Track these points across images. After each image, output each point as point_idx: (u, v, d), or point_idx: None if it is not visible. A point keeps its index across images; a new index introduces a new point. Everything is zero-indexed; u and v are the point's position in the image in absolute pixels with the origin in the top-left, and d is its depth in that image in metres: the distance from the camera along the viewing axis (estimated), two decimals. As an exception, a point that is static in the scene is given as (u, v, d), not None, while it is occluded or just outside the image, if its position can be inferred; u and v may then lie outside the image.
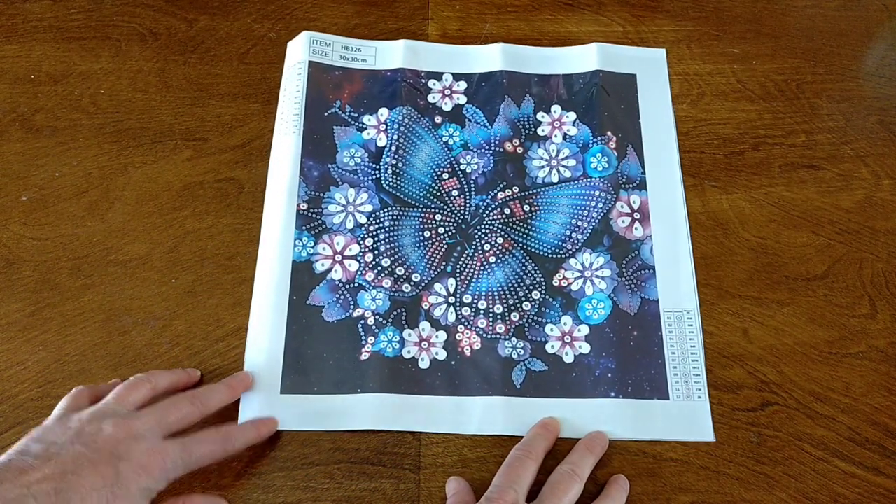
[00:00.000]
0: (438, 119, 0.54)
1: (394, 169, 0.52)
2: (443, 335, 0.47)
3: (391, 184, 0.51)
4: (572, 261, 0.49)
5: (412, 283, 0.48)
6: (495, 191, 0.51)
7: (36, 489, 0.33)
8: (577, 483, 0.40)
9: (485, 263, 0.49)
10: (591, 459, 0.42)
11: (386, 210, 0.50)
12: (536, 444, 0.42)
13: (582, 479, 0.41)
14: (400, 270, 0.49)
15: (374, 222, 0.50)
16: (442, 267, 0.49)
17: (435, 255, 0.49)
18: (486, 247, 0.50)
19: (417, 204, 0.51)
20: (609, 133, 0.53)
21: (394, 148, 0.52)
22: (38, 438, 0.36)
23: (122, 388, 0.40)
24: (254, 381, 0.45)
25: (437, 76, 0.55)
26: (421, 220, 0.50)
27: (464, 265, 0.49)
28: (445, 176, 0.52)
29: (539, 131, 0.53)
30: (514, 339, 0.47)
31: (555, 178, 0.52)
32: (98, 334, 0.47)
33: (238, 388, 0.44)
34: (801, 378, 0.46)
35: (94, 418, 0.37)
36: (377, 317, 0.47)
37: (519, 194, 0.51)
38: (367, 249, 0.49)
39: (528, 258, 0.49)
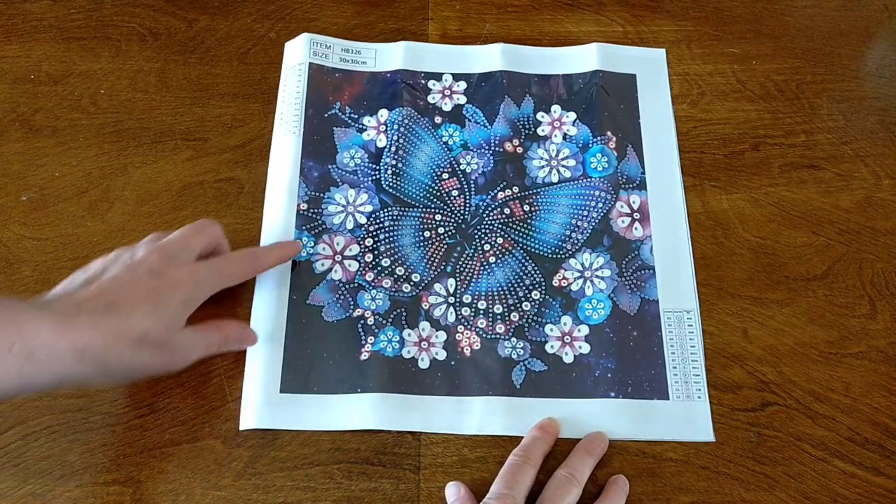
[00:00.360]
0: (438, 119, 0.54)
1: (394, 169, 0.52)
2: (442, 335, 0.47)
3: (391, 184, 0.51)
4: (572, 261, 0.49)
5: (412, 283, 0.48)
6: (495, 191, 0.51)
7: (86, 305, 0.36)
8: (575, 488, 0.40)
9: (484, 263, 0.49)
10: (590, 462, 0.42)
11: (386, 210, 0.50)
12: (535, 448, 0.42)
13: (580, 483, 0.41)
14: (400, 270, 0.49)
15: (373, 222, 0.50)
16: (442, 267, 0.49)
17: (435, 256, 0.49)
18: (486, 247, 0.50)
19: (417, 204, 0.51)
20: (609, 133, 0.53)
21: (393, 148, 0.52)
22: (83, 271, 0.40)
23: (189, 228, 0.43)
24: (301, 249, 0.48)
25: (437, 76, 0.55)
26: (421, 220, 0.50)
27: (464, 265, 0.49)
28: (445, 176, 0.52)
29: (539, 131, 0.53)
30: (513, 339, 0.47)
31: (555, 178, 0.52)
32: (98, 334, 0.46)
33: (288, 254, 0.47)
34: (801, 378, 0.46)
35: (130, 248, 0.41)
36: (377, 317, 0.47)
37: (519, 194, 0.51)
38: (366, 249, 0.49)
39: (527, 258, 0.49)
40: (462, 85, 0.55)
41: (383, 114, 0.53)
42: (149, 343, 0.37)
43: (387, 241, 0.49)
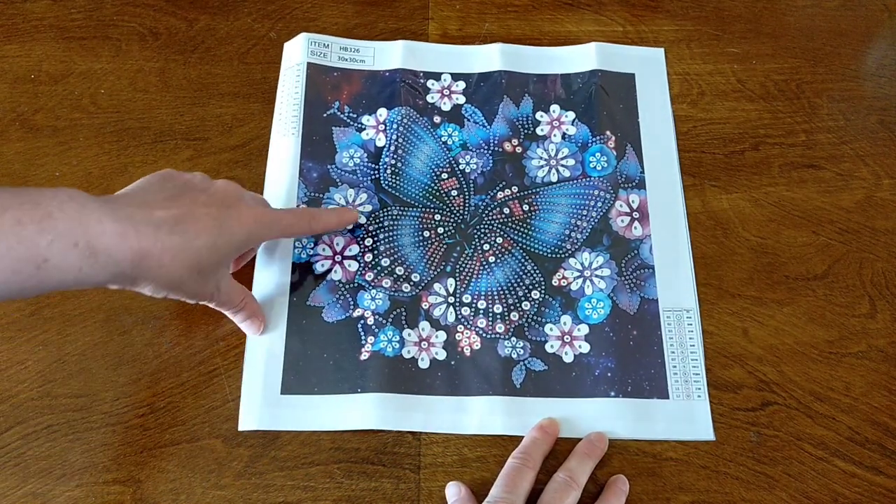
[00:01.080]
0: (437, 119, 0.54)
1: (393, 169, 0.52)
2: (442, 335, 0.47)
3: (390, 184, 0.51)
4: (572, 260, 0.49)
5: (412, 283, 0.48)
6: (494, 191, 0.51)
7: (155, 218, 0.36)
8: (573, 491, 0.40)
9: (484, 263, 0.49)
10: (589, 464, 0.42)
11: (385, 210, 0.50)
12: (534, 450, 0.42)
13: (579, 486, 0.41)
14: (399, 270, 0.49)
15: (373, 222, 0.50)
16: (441, 267, 0.49)
17: (434, 255, 0.49)
18: (486, 247, 0.50)
19: (417, 204, 0.51)
20: (608, 132, 0.53)
21: (393, 148, 0.52)
22: (162, 178, 0.40)
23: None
24: (358, 218, 0.49)
25: (436, 76, 0.55)
26: (420, 220, 0.50)
27: (463, 265, 0.49)
28: (444, 176, 0.52)
29: (538, 131, 0.53)
30: (513, 338, 0.47)
31: (554, 178, 0.52)
32: (98, 334, 0.47)
33: (345, 220, 0.48)
34: (801, 378, 0.46)
35: (205, 178, 0.42)
36: (377, 317, 0.47)
37: (518, 194, 0.51)
38: (366, 249, 0.49)
39: (527, 258, 0.49)
40: (461, 85, 0.55)
41: (382, 113, 0.53)
42: (197, 271, 0.38)
43: (386, 240, 0.49)
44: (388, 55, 0.56)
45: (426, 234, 0.50)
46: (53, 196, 0.33)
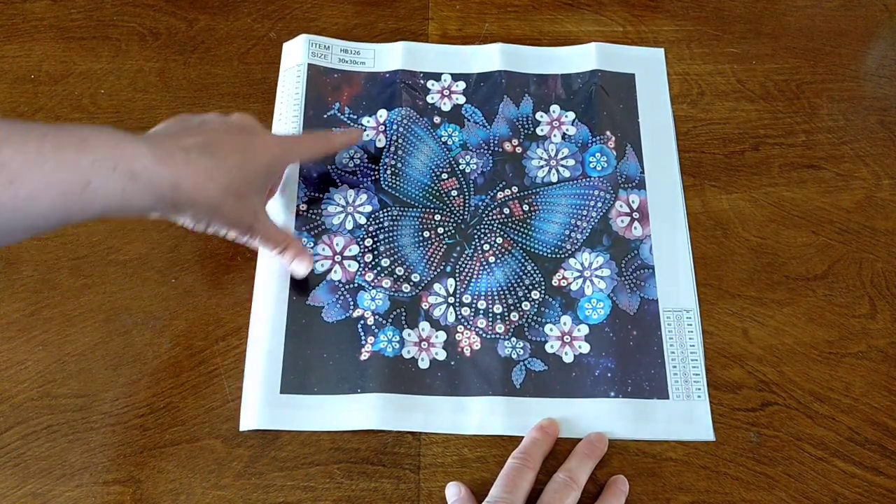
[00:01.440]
0: (437, 119, 0.54)
1: (393, 169, 0.52)
2: (442, 335, 0.47)
3: (390, 184, 0.51)
4: (572, 260, 0.49)
5: (412, 284, 0.48)
6: (494, 191, 0.51)
7: (183, 145, 0.38)
8: (573, 492, 0.40)
9: (484, 263, 0.49)
10: (589, 465, 0.42)
11: (385, 210, 0.50)
12: (534, 450, 0.42)
13: (579, 486, 0.41)
14: (399, 270, 0.49)
15: (373, 223, 0.50)
16: (441, 267, 0.49)
17: (434, 256, 0.49)
18: (486, 247, 0.50)
19: (417, 204, 0.51)
20: (608, 133, 0.53)
21: (393, 149, 0.52)
22: (178, 120, 0.42)
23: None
24: (363, 135, 0.52)
25: (436, 76, 0.55)
26: (420, 220, 0.50)
27: (463, 265, 0.49)
28: (444, 176, 0.52)
29: (538, 131, 0.53)
30: (513, 338, 0.47)
31: (554, 178, 0.52)
32: (98, 334, 0.47)
33: (354, 138, 0.51)
34: (801, 378, 0.46)
35: (219, 114, 0.44)
36: (377, 317, 0.47)
37: (518, 194, 0.51)
38: (366, 250, 0.49)
39: (527, 258, 0.49)
40: (461, 85, 0.55)
41: (382, 114, 0.53)
42: (232, 192, 0.40)
43: (386, 241, 0.49)
44: (388, 56, 0.56)
45: (426, 234, 0.50)
46: (87, 126, 0.35)
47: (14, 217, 0.32)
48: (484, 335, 0.47)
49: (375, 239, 0.49)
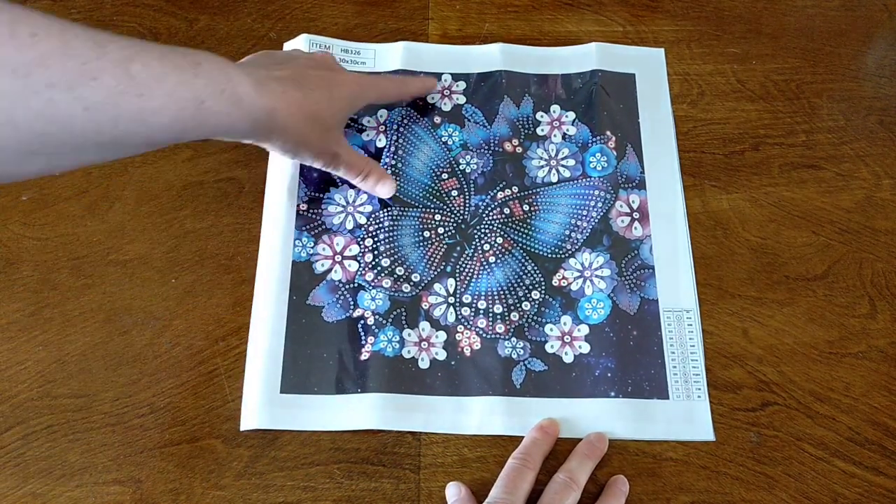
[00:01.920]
0: (437, 119, 0.54)
1: (393, 169, 0.52)
2: (442, 335, 0.47)
3: (391, 184, 0.51)
4: (572, 260, 0.49)
5: (412, 283, 0.48)
6: (495, 191, 0.51)
7: (275, 76, 0.41)
8: (573, 492, 0.40)
9: (484, 263, 0.49)
10: (589, 465, 0.42)
11: (385, 210, 0.50)
12: (534, 450, 0.42)
13: (579, 486, 0.41)
14: (400, 270, 0.49)
15: (373, 223, 0.50)
16: (441, 267, 0.49)
17: (434, 255, 0.49)
18: (486, 247, 0.50)
19: (417, 204, 0.51)
20: (608, 133, 0.53)
21: (393, 148, 0.52)
22: (266, 55, 0.45)
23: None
24: (436, 86, 0.54)
25: (437, 76, 0.55)
26: (420, 220, 0.50)
27: (463, 265, 0.49)
28: (445, 176, 0.52)
29: (538, 131, 0.53)
30: (513, 338, 0.47)
31: (554, 178, 0.52)
32: (98, 334, 0.47)
33: (429, 85, 0.53)
34: (801, 378, 0.46)
35: (301, 51, 0.49)
36: (377, 317, 0.47)
37: (518, 194, 0.51)
38: (366, 250, 0.49)
39: (527, 258, 0.49)
40: (461, 85, 0.55)
41: (382, 114, 0.53)
42: (319, 123, 0.43)
43: (386, 241, 0.49)
44: (388, 56, 0.56)
45: (426, 234, 0.50)
46: (196, 51, 0.36)
47: (139, 128, 0.33)
48: (484, 335, 0.47)
49: (376, 239, 0.49)
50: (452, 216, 0.50)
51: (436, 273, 0.49)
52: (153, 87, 0.33)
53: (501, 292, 0.48)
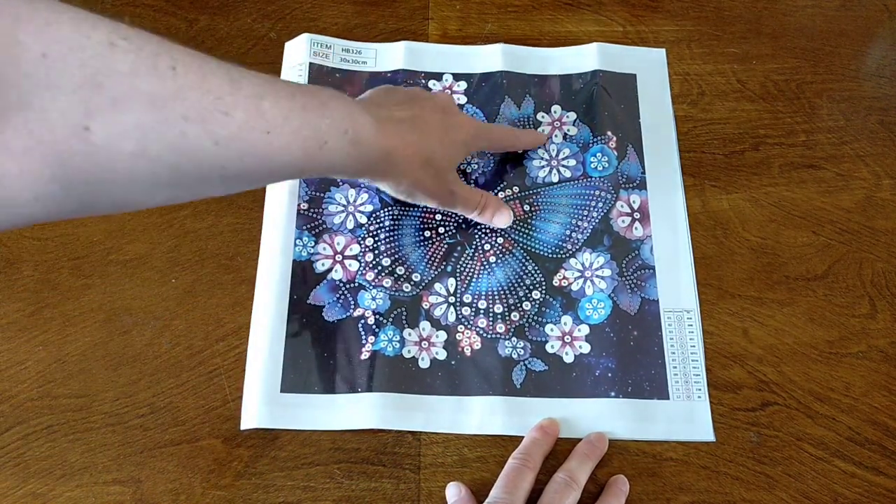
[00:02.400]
0: (438, 119, 0.54)
1: (394, 169, 0.52)
2: (443, 335, 0.47)
3: (391, 184, 0.51)
4: (572, 261, 0.49)
5: (412, 283, 0.48)
6: (495, 191, 0.51)
7: (395, 118, 0.41)
8: (573, 492, 0.40)
9: (485, 263, 0.49)
10: (588, 465, 0.42)
11: (386, 210, 0.50)
12: (534, 450, 0.42)
13: (579, 486, 0.41)
14: (400, 270, 0.49)
15: (374, 222, 0.50)
16: (442, 267, 0.49)
17: (435, 255, 0.49)
18: (487, 247, 0.50)
19: (417, 204, 0.51)
20: (609, 133, 0.53)
21: None
22: (388, 92, 0.45)
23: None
24: (545, 141, 0.53)
25: (437, 76, 0.55)
26: (421, 219, 0.50)
27: (464, 265, 0.49)
28: (445, 176, 0.52)
29: (539, 131, 0.53)
30: (514, 338, 0.47)
31: (555, 178, 0.52)
32: (98, 334, 0.47)
33: (539, 140, 0.53)
34: (801, 378, 0.46)
35: (422, 90, 0.49)
36: (377, 316, 0.47)
37: (519, 194, 0.51)
38: (367, 249, 0.49)
39: (528, 258, 0.49)
40: (462, 85, 0.55)
41: None
42: (433, 166, 0.43)
43: (387, 240, 0.49)
44: (389, 56, 0.56)
45: (427, 233, 0.50)
46: (323, 90, 0.37)
47: (263, 165, 0.34)
48: (484, 335, 0.47)
49: (376, 238, 0.49)
50: (453, 216, 0.50)
51: (436, 273, 0.49)
52: (281, 125, 0.33)
53: (502, 292, 0.48)
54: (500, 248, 0.50)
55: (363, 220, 0.50)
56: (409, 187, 0.43)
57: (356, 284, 0.48)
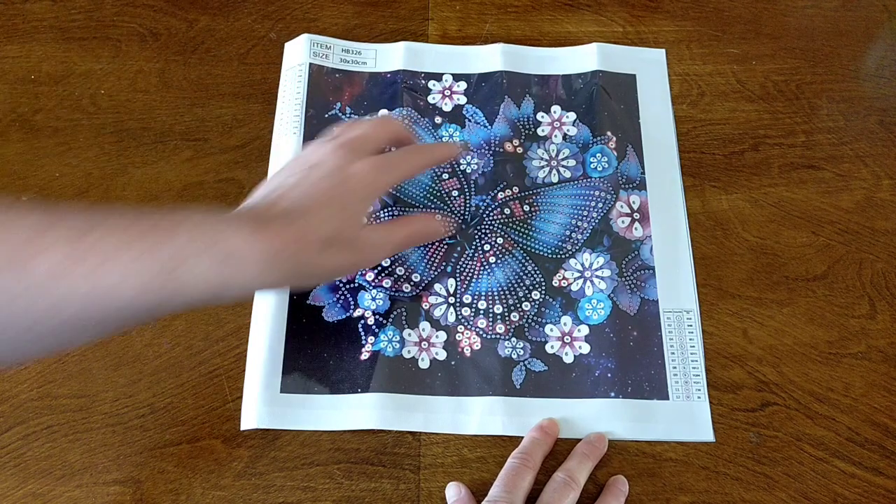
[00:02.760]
0: (438, 119, 0.54)
1: (394, 169, 0.52)
2: (443, 335, 0.47)
3: (391, 184, 0.51)
4: (572, 261, 0.49)
5: (412, 283, 0.48)
6: (495, 191, 0.51)
7: (273, 213, 0.36)
8: (572, 491, 0.40)
9: (485, 264, 0.49)
10: (588, 465, 0.42)
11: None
12: (534, 450, 0.42)
13: (579, 486, 0.41)
14: (400, 270, 0.49)
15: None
16: (442, 267, 0.49)
17: (435, 256, 0.49)
18: (486, 247, 0.50)
19: (417, 204, 0.51)
20: (609, 133, 0.53)
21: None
22: (263, 186, 0.40)
23: (340, 127, 0.44)
24: (463, 151, 0.51)
25: (437, 77, 0.55)
26: (421, 220, 0.50)
27: (464, 265, 0.49)
28: (445, 176, 0.52)
29: (539, 131, 0.53)
30: (513, 339, 0.47)
31: (555, 179, 0.52)
32: (98, 334, 0.47)
33: (453, 152, 0.49)
34: (801, 378, 0.46)
35: (310, 150, 0.42)
36: (377, 317, 0.47)
37: (519, 194, 0.51)
38: (367, 249, 0.49)
39: (527, 258, 0.49)
40: (462, 85, 0.55)
41: (383, 113, 0.53)
42: (336, 243, 0.38)
43: (387, 241, 0.49)
44: (389, 57, 0.56)
45: (426, 234, 0.50)
46: (179, 213, 0.33)
47: (93, 310, 0.30)
48: (484, 335, 0.47)
49: (376, 239, 0.49)
50: (453, 216, 0.50)
51: (436, 273, 0.49)
52: (110, 259, 0.29)
53: (502, 292, 0.48)
54: (500, 248, 0.50)
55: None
56: (319, 275, 0.39)
57: (356, 285, 0.48)
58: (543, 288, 0.48)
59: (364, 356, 0.46)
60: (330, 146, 0.41)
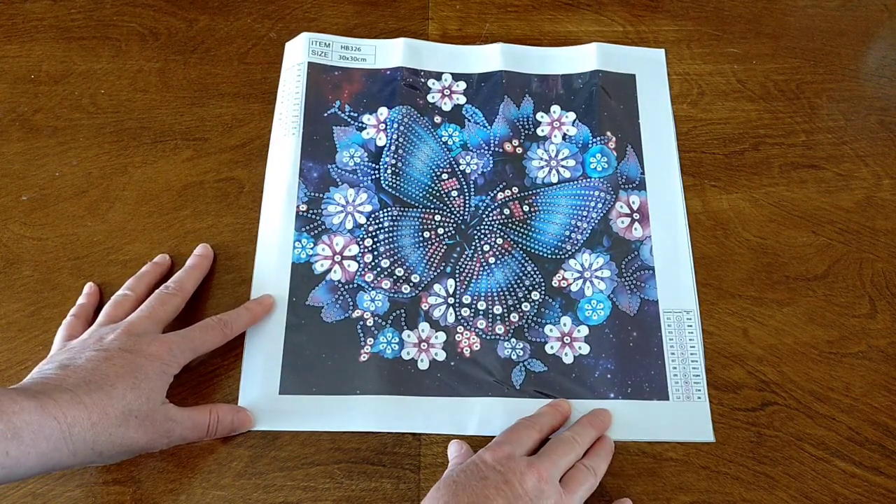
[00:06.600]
0: (438, 119, 0.54)
1: (393, 169, 0.52)
2: (442, 336, 0.47)
3: (390, 184, 0.51)
4: (572, 261, 0.49)
5: (411, 284, 0.48)
6: (495, 191, 0.51)
7: (67, 384, 0.36)
8: (576, 448, 0.41)
9: (484, 264, 0.49)
10: (592, 432, 0.43)
11: (385, 210, 0.50)
12: (544, 419, 0.43)
13: (582, 446, 0.41)
14: (399, 271, 0.49)
15: (373, 223, 0.50)
16: (441, 268, 0.49)
17: (434, 256, 0.49)
18: (486, 247, 0.50)
19: (417, 204, 0.51)
20: (608, 133, 0.53)
21: (393, 148, 0.52)
22: (49, 361, 0.39)
23: (109, 307, 0.44)
24: (274, 305, 0.47)
25: (437, 76, 0.55)
26: (420, 220, 0.50)
27: (463, 266, 0.49)
28: (445, 176, 0.52)
29: (538, 132, 0.53)
30: (513, 339, 0.47)
31: (554, 179, 0.52)
32: (98, 334, 0.47)
33: (258, 312, 0.46)
34: (801, 378, 0.46)
35: (93, 333, 0.41)
36: (376, 318, 0.47)
37: (518, 195, 0.51)
38: (366, 250, 0.49)
39: (527, 259, 0.49)
40: (462, 85, 0.55)
41: (383, 112, 0.53)
42: (133, 417, 0.38)
43: (386, 241, 0.49)
44: (388, 53, 0.56)
45: (426, 234, 0.50)
46: None
47: None
48: (484, 336, 0.47)
49: (375, 239, 0.49)
50: (452, 217, 0.50)
51: (435, 274, 0.49)
52: None
53: (501, 293, 0.48)
54: (500, 248, 0.50)
55: (362, 220, 0.50)
56: (115, 451, 0.37)
57: (355, 285, 0.48)
58: (543, 288, 0.48)
59: (363, 358, 0.46)
60: (115, 329, 0.41)
